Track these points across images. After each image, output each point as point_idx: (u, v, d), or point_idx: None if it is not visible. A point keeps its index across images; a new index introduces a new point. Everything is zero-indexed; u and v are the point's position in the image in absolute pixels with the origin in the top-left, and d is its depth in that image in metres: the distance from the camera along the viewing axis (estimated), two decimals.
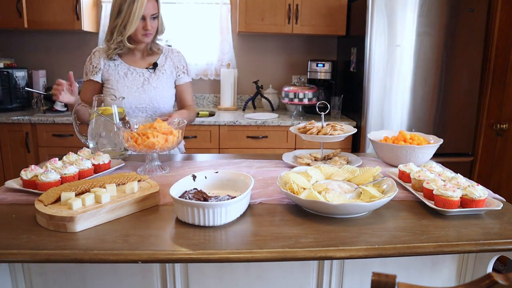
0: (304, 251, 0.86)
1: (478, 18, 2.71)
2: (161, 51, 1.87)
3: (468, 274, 1.22)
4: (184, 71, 1.88)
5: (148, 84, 1.78)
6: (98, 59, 1.79)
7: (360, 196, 1.08)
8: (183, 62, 1.89)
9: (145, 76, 1.79)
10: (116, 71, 1.78)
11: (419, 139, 1.52)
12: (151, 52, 1.84)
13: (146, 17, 1.68)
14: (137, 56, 1.82)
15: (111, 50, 1.74)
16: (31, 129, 2.78)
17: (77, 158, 1.30)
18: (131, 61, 1.81)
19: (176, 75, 1.86)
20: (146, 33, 1.71)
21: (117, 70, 1.78)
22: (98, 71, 1.78)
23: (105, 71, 1.78)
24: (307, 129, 1.51)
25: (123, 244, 0.88)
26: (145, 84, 1.77)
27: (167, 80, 1.82)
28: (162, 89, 1.79)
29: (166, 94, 1.81)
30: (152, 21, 1.70)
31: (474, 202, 1.03)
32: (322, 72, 3.17)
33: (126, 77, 1.77)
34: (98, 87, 1.81)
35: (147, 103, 1.77)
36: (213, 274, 1.15)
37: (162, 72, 1.82)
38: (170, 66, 1.85)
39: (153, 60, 1.83)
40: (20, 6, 2.85)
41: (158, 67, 1.82)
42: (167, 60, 1.85)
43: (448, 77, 2.78)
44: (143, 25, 1.69)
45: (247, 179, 1.14)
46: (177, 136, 1.37)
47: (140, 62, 1.82)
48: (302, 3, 3.01)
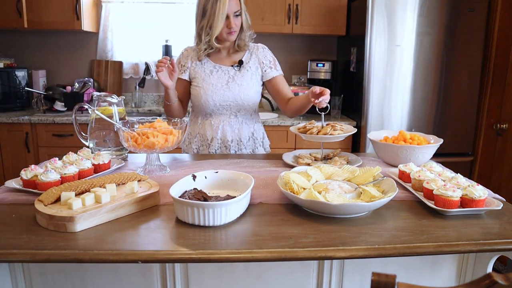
0: (304, 251, 0.86)
1: (478, 18, 2.72)
2: (247, 48, 1.84)
3: (468, 274, 1.22)
4: (271, 66, 1.84)
5: (233, 81, 1.77)
6: (186, 58, 1.81)
7: (360, 196, 1.08)
8: (269, 57, 1.85)
9: (230, 74, 1.78)
10: (202, 69, 1.78)
11: (419, 139, 1.52)
12: (237, 50, 1.82)
13: (229, 15, 1.66)
14: (223, 54, 1.82)
15: (202, 51, 1.76)
16: (31, 129, 2.78)
17: (77, 158, 1.30)
18: (217, 59, 1.81)
19: (262, 71, 1.83)
20: (230, 31, 1.69)
21: (203, 68, 1.78)
22: (186, 70, 1.80)
23: (192, 69, 1.80)
24: (307, 129, 1.51)
25: (123, 244, 0.88)
26: (230, 82, 1.76)
27: (252, 77, 1.80)
28: (246, 86, 1.77)
29: (250, 92, 1.78)
30: (235, 18, 1.69)
31: (474, 202, 1.03)
32: (322, 72, 3.17)
33: (212, 75, 1.77)
34: (186, 84, 1.82)
35: (231, 100, 1.76)
36: (213, 274, 1.15)
37: (247, 69, 1.80)
38: (255, 63, 1.82)
39: (239, 58, 1.82)
40: (20, 6, 2.85)
41: (243, 64, 1.80)
42: (252, 57, 1.83)
43: (448, 77, 2.78)
44: (227, 24, 1.67)
45: (247, 179, 1.14)
46: (177, 136, 1.37)
47: (226, 60, 1.82)
48: (302, 3, 3.01)
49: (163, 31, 3.32)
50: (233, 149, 1.82)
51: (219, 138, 1.80)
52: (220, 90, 1.75)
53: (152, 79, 3.38)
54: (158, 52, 3.33)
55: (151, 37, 3.30)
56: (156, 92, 3.45)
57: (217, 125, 1.80)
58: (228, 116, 1.80)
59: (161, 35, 3.32)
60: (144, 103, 3.44)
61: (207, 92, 1.74)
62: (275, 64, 1.85)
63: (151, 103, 3.46)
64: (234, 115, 1.80)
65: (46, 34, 3.30)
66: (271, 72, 1.83)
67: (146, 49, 3.31)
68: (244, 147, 1.84)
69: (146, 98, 3.44)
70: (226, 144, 1.80)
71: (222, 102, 1.76)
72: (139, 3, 3.25)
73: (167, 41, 3.34)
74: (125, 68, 3.37)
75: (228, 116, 1.80)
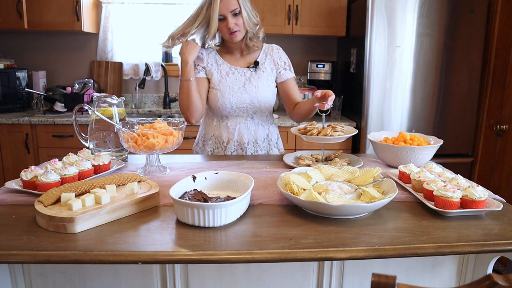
0: (304, 252, 0.86)
1: (478, 19, 2.72)
2: (259, 47, 1.80)
3: (468, 275, 1.22)
4: (286, 68, 1.80)
5: (250, 83, 1.73)
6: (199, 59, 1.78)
7: (360, 197, 1.08)
8: (283, 58, 1.81)
9: (247, 75, 1.75)
10: (218, 71, 1.75)
11: (419, 140, 1.52)
12: (248, 50, 1.77)
13: (226, 16, 1.60)
14: (236, 56, 1.79)
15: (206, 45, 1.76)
16: (31, 130, 2.78)
17: (77, 159, 1.30)
18: (233, 61, 1.78)
19: (277, 72, 1.79)
20: (231, 31, 1.63)
21: (219, 70, 1.75)
22: (201, 69, 1.76)
23: (208, 70, 1.76)
24: (308, 130, 1.51)
25: (123, 245, 0.87)
26: (247, 84, 1.73)
27: (267, 78, 1.77)
28: (263, 87, 1.74)
29: (266, 93, 1.75)
30: (234, 18, 1.62)
31: (474, 203, 1.03)
32: (322, 73, 3.17)
33: (228, 77, 1.74)
34: (202, 82, 1.76)
35: (248, 102, 1.73)
36: (213, 275, 1.15)
37: (263, 71, 1.76)
38: (270, 64, 1.78)
39: (253, 59, 1.78)
40: (20, 7, 2.85)
41: (259, 65, 1.77)
42: (267, 58, 1.79)
43: (448, 78, 2.78)
44: (225, 24, 1.62)
45: (247, 180, 1.14)
46: (177, 137, 1.37)
47: (241, 61, 1.78)
48: (302, 4, 3.02)
49: (163, 32, 3.32)
50: (250, 151, 1.79)
51: (235, 140, 1.77)
52: (237, 93, 1.72)
53: (152, 80, 3.39)
54: (158, 53, 3.34)
55: (151, 38, 3.30)
56: (156, 93, 3.46)
57: (233, 127, 1.77)
58: (244, 118, 1.77)
59: (161, 36, 3.31)
60: (144, 104, 3.45)
61: (224, 95, 1.71)
62: (290, 66, 1.82)
63: (151, 104, 3.46)
64: (251, 117, 1.77)
65: (46, 35, 3.31)
66: (285, 74, 1.79)
67: (146, 50, 3.32)
68: (260, 149, 1.81)
69: (146, 99, 3.44)
70: (242, 146, 1.78)
71: (239, 104, 1.73)
72: (139, 4, 3.25)
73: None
74: (125, 69, 3.38)
75: (244, 118, 1.77)
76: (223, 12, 1.59)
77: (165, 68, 3.32)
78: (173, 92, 3.42)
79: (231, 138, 1.77)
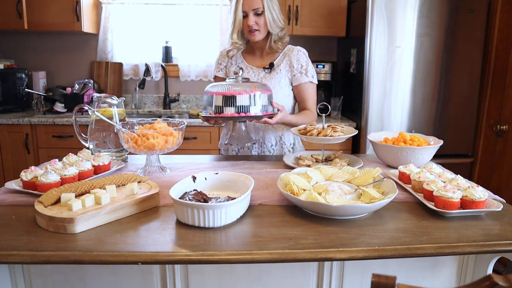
0: (304, 252, 0.86)
1: (478, 19, 2.72)
2: (282, 49, 1.77)
3: (468, 276, 1.22)
4: (302, 71, 1.74)
5: None
6: (223, 57, 1.82)
7: (360, 198, 1.08)
8: (302, 61, 1.75)
9: (260, 76, 1.74)
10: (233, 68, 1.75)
11: (419, 140, 1.52)
12: (270, 52, 1.76)
13: (248, 13, 1.62)
14: (256, 55, 1.79)
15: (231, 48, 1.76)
16: (31, 130, 2.78)
17: (77, 159, 1.30)
18: (251, 60, 1.80)
19: (292, 74, 1.75)
20: (250, 30, 1.64)
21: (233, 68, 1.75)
22: (222, 68, 1.82)
23: (227, 68, 1.80)
24: (308, 130, 1.51)
25: (123, 245, 0.87)
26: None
27: (281, 80, 1.73)
28: (273, 89, 1.66)
29: (276, 96, 1.66)
30: (255, 17, 1.63)
31: (474, 204, 1.03)
32: (322, 73, 3.16)
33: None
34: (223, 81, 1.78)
35: None
36: (213, 276, 1.15)
37: (277, 72, 1.74)
38: (286, 66, 1.75)
39: (272, 60, 1.77)
40: (20, 7, 2.85)
41: (274, 67, 1.75)
42: (285, 59, 1.76)
43: (448, 78, 2.78)
44: (246, 22, 1.64)
45: (247, 180, 1.14)
46: (177, 137, 1.37)
47: (259, 61, 1.79)
48: (302, 4, 3.02)
49: (163, 32, 3.32)
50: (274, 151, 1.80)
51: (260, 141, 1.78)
52: None
53: (152, 81, 3.39)
54: (158, 53, 3.34)
55: (151, 39, 3.30)
56: (156, 93, 3.46)
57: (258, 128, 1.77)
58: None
59: (161, 37, 3.33)
60: (144, 105, 3.44)
61: None
62: (306, 70, 1.75)
63: (151, 105, 3.46)
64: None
65: (46, 36, 3.31)
66: (300, 78, 1.74)
67: (146, 50, 3.31)
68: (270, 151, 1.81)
69: (146, 100, 3.44)
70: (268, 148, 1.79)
71: None
72: (139, 5, 3.25)
73: (167, 42, 3.34)
74: (125, 70, 3.37)
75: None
76: (246, 9, 1.62)
77: (165, 69, 3.32)
78: (173, 93, 3.42)
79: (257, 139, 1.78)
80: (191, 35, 3.28)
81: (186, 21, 3.27)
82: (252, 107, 1.45)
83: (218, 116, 1.45)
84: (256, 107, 1.45)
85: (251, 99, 1.44)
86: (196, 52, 3.31)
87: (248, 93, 1.44)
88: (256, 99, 1.45)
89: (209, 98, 1.49)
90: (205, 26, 3.28)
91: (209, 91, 1.49)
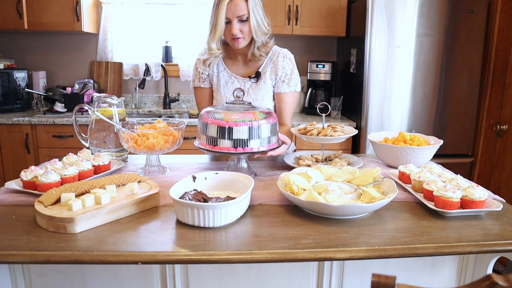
0: (304, 252, 0.86)
1: (478, 19, 2.72)
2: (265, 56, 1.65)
3: (468, 275, 1.22)
4: (285, 80, 1.64)
5: (247, 95, 1.63)
6: (203, 65, 1.69)
7: (360, 197, 1.08)
8: (287, 69, 1.64)
9: (247, 86, 1.66)
10: (217, 78, 1.67)
11: (419, 140, 1.52)
12: (254, 59, 1.64)
13: (231, 20, 1.51)
14: (239, 61, 1.68)
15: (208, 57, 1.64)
16: (31, 130, 2.78)
17: (77, 159, 1.30)
18: (234, 68, 1.69)
19: (275, 82, 1.65)
20: (234, 38, 1.53)
21: (218, 78, 1.67)
22: (205, 78, 1.70)
23: (210, 77, 1.70)
24: (308, 130, 1.51)
25: (123, 245, 0.88)
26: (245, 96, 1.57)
27: (267, 89, 1.65)
28: (262, 101, 1.63)
29: (266, 106, 1.60)
30: (239, 24, 1.51)
31: (474, 203, 1.03)
32: (322, 73, 3.17)
33: (226, 86, 1.66)
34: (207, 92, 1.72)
35: None
36: (213, 275, 1.15)
37: (264, 81, 1.65)
38: (272, 73, 1.65)
39: (257, 67, 1.66)
40: (20, 7, 2.85)
41: (261, 75, 1.64)
42: (270, 65, 1.65)
43: (448, 78, 2.78)
44: (229, 29, 1.52)
45: (247, 180, 1.14)
46: (177, 137, 1.37)
47: (243, 70, 1.68)
48: (302, 4, 3.02)
49: (163, 32, 3.32)
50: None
51: None
52: None
53: (152, 80, 3.39)
54: (158, 53, 3.34)
55: (151, 39, 3.30)
56: (156, 93, 3.46)
57: None
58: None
59: (161, 37, 3.33)
60: (144, 104, 3.44)
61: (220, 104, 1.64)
62: (290, 79, 1.65)
63: (151, 104, 3.46)
64: None
65: (46, 35, 3.31)
66: (281, 87, 1.66)
67: (146, 50, 3.32)
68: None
69: (146, 99, 3.44)
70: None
71: None
72: (139, 4, 3.25)
73: (167, 42, 3.34)
74: (125, 69, 3.37)
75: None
76: (229, 16, 1.51)
77: (165, 68, 3.32)
78: (173, 93, 3.42)
79: None
80: (191, 35, 3.28)
81: (186, 21, 3.26)
82: (252, 141, 1.26)
83: (211, 150, 1.27)
84: (256, 140, 1.26)
85: (251, 131, 1.25)
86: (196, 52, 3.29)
87: (247, 125, 1.24)
88: (256, 131, 1.26)
89: (203, 125, 1.29)
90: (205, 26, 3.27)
91: (203, 117, 1.30)
